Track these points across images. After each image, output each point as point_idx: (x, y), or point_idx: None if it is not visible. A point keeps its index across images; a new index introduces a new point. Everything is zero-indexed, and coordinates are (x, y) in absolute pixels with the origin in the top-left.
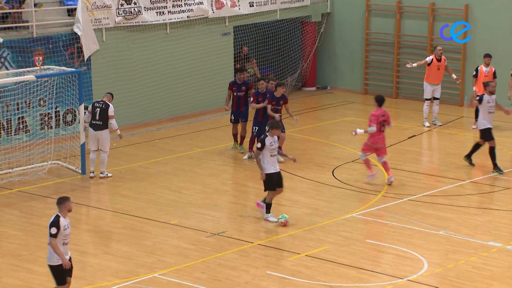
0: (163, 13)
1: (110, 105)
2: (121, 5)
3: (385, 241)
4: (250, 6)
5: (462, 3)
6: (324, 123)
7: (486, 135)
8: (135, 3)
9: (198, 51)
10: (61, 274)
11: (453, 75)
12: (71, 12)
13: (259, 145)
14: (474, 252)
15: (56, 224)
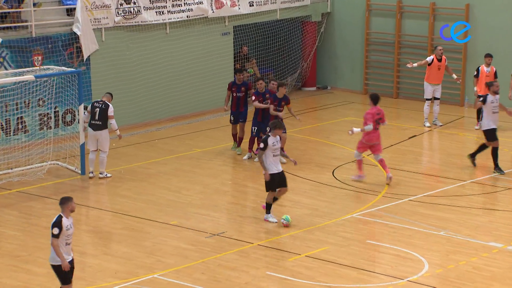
0: (162, 12)
1: (110, 105)
2: (121, 4)
3: (385, 241)
4: (250, 5)
5: (462, 2)
6: (324, 123)
7: (490, 135)
8: (134, 3)
9: (198, 51)
10: (64, 273)
11: (454, 75)
12: (70, 12)
13: (262, 145)
14: (475, 253)
15: (58, 224)
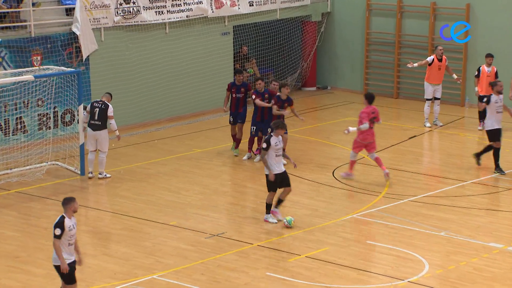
0: (162, 12)
1: (109, 105)
2: (120, 4)
3: (385, 242)
4: (250, 5)
5: (463, 2)
6: (324, 123)
7: (493, 135)
8: (134, 3)
9: (197, 51)
10: (68, 273)
11: (454, 75)
12: (69, 12)
13: (265, 145)
14: (476, 254)
15: (61, 225)
